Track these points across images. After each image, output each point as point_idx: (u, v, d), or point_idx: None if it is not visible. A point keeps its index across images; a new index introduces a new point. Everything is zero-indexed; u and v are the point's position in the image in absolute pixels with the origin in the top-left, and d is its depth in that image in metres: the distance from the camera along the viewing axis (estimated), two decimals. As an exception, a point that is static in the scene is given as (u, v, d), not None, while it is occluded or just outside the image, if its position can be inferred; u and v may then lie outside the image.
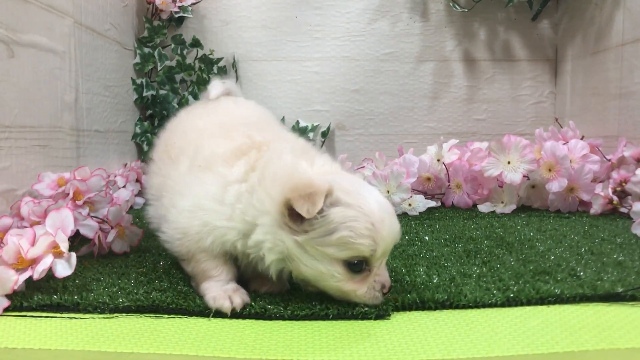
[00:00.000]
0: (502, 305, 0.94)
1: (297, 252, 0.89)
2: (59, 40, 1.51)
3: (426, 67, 2.31)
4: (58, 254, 0.93)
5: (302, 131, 2.27)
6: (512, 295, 0.95)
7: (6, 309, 0.90)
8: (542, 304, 0.94)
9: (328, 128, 2.29)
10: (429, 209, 1.80)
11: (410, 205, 1.77)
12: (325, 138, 2.29)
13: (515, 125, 2.32)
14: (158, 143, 1.20)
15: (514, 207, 1.75)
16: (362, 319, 0.90)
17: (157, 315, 0.91)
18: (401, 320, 0.89)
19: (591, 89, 2.04)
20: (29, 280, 0.94)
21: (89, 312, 0.91)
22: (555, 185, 1.71)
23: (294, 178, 0.89)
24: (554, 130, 1.92)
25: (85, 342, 0.80)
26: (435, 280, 1.03)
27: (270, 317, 0.90)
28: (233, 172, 0.96)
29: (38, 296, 0.93)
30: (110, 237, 1.18)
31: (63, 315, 0.90)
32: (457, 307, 0.94)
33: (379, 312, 0.90)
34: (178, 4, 2.18)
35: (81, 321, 0.88)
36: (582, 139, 1.86)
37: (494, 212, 1.76)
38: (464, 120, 2.32)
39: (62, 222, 0.94)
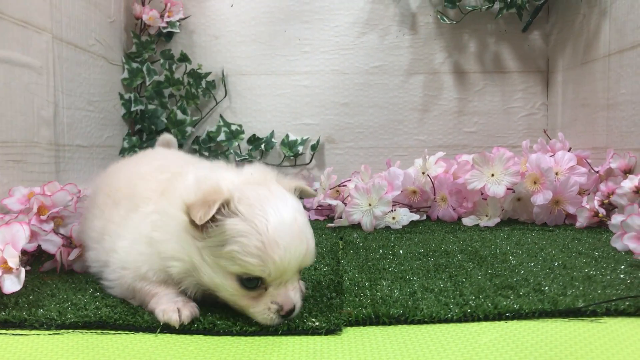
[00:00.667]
0: (459, 320, 0.91)
1: (197, 259, 0.88)
2: (35, 55, 1.52)
3: (416, 80, 2.30)
4: (7, 270, 0.92)
5: (291, 145, 2.26)
6: (469, 310, 0.92)
7: (-48, 325, 0.90)
8: (499, 319, 0.91)
9: (318, 141, 2.28)
10: (413, 223, 1.78)
11: (394, 218, 1.75)
12: (315, 151, 2.28)
13: (506, 138, 2.29)
14: (97, 188, 1.19)
15: (498, 220, 1.72)
16: (313, 334, 0.88)
17: (104, 331, 0.89)
18: (353, 336, 0.87)
19: (581, 100, 2.01)
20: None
21: (36, 328, 0.90)
22: (540, 198, 1.68)
23: (202, 185, 0.90)
24: (542, 142, 1.89)
25: (23, 359, 0.79)
26: (395, 294, 1.01)
27: (218, 333, 0.88)
28: (149, 205, 0.99)
29: (-15, 312, 0.93)
30: (72, 256, 1.17)
31: (8, 331, 0.89)
32: (412, 322, 0.91)
33: (330, 326, 0.88)
34: (166, 19, 2.18)
35: (25, 338, 0.87)
36: (569, 150, 1.83)
37: (477, 225, 1.73)
38: (454, 132, 2.30)
39: (12, 237, 0.93)
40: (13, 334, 0.88)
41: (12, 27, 1.41)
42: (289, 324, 0.88)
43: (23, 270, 0.92)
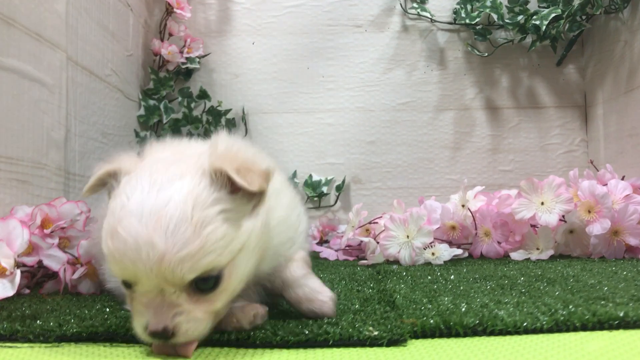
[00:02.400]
0: (550, 330, 0.74)
1: None
2: (47, 72, 1.42)
3: (446, 117, 2.18)
4: (0, 272, 0.76)
5: (315, 185, 2.12)
6: (562, 318, 0.75)
7: None
8: (601, 328, 0.74)
9: (343, 182, 2.14)
10: (455, 260, 1.61)
11: (433, 254, 1.58)
12: (340, 192, 2.14)
13: (544, 176, 2.10)
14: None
15: (551, 252, 1.55)
16: (371, 345, 0.71)
17: (113, 344, 0.73)
18: (421, 348, 0.70)
19: (627, 131, 1.88)
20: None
21: (30, 341, 0.73)
22: (597, 228, 1.51)
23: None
24: (589, 174, 1.74)
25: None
26: (463, 307, 0.84)
27: (254, 345, 0.71)
28: None
29: (-27, 323, 0.76)
30: (77, 275, 1.01)
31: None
32: (491, 333, 0.74)
33: (392, 336, 0.71)
34: (185, 54, 2.10)
35: (15, 350, 0.70)
36: (622, 179, 1.67)
37: (528, 259, 1.56)
38: (489, 171, 2.16)
39: (8, 235, 0.79)
40: (1, 346, 0.71)
41: (24, 37, 1.32)
42: (340, 333, 0.72)
43: (18, 272, 0.77)
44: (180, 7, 2.08)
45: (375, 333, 0.71)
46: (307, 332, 0.73)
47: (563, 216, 1.57)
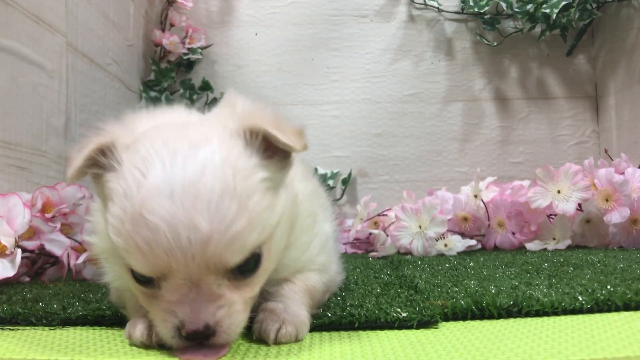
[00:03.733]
0: (590, 310, 0.69)
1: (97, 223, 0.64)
2: (46, 55, 1.36)
3: (454, 108, 2.13)
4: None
5: (320, 179, 2.07)
6: (602, 298, 0.70)
7: None
8: (646, 307, 0.69)
9: (349, 175, 2.09)
10: (468, 250, 1.56)
11: (446, 245, 1.53)
12: (346, 186, 2.08)
13: (556, 168, 2.09)
14: None
15: (568, 242, 1.50)
16: (400, 327, 0.66)
17: (122, 328, 0.67)
18: (454, 330, 0.64)
19: (642, 120, 1.83)
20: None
21: (32, 324, 0.68)
22: (616, 216, 1.45)
23: None
24: (604, 163, 1.69)
25: (16, 352, 0.57)
26: (492, 290, 0.78)
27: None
28: None
29: (-33, 306, 0.71)
30: (81, 259, 0.96)
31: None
32: (527, 314, 0.69)
33: (422, 318, 0.66)
34: (187, 45, 2.05)
35: (16, 332, 0.65)
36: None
37: (545, 249, 1.51)
38: (499, 163, 2.11)
39: (9, 212, 0.73)
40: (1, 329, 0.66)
41: (22, 18, 1.26)
42: (366, 315, 0.66)
43: (19, 251, 0.71)
44: (182, -3, 2.03)
45: (404, 315, 0.66)
46: (330, 314, 0.68)
47: (579, 205, 1.52)
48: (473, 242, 1.56)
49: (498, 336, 0.60)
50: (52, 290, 0.83)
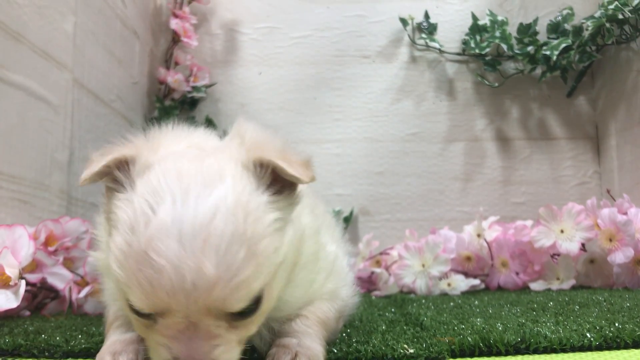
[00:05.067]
0: (599, 347, 0.68)
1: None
2: (53, 90, 1.38)
3: (456, 148, 2.14)
4: (3, 282, 0.70)
5: (322, 217, 2.06)
6: (610, 335, 0.69)
7: None
8: (656, 346, 0.68)
9: (351, 213, 2.09)
10: (472, 290, 1.54)
11: (449, 285, 1.52)
12: (348, 224, 2.08)
13: (558, 208, 2.09)
14: None
15: (572, 282, 1.49)
16: (407, 364, 0.64)
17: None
18: (462, 367, 0.63)
19: (643, 161, 1.84)
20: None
21: (34, 356, 0.66)
22: (620, 256, 1.44)
23: None
24: (606, 204, 1.69)
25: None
26: (499, 327, 0.77)
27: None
28: None
29: (-32, 339, 0.70)
30: (82, 293, 0.95)
31: (-4, 359, 0.66)
32: (535, 351, 0.68)
33: (430, 354, 0.65)
34: (191, 83, 2.07)
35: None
36: (642, 209, 1.62)
37: (549, 289, 1.49)
38: (501, 203, 2.10)
39: (13, 242, 0.73)
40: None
41: (31, 54, 1.28)
42: (373, 351, 0.65)
43: (23, 282, 0.70)
44: (187, 36, 2.06)
45: (411, 351, 0.65)
46: (335, 350, 0.67)
47: (583, 245, 1.51)
48: (477, 281, 1.55)
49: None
50: (54, 323, 0.82)
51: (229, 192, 0.54)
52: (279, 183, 0.60)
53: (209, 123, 2.11)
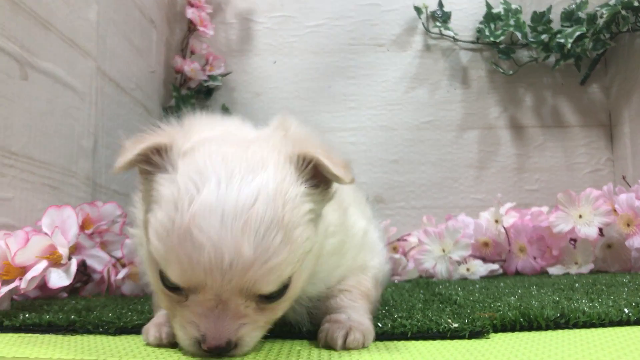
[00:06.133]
0: (638, 322, 0.70)
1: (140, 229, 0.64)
2: (78, 78, 1.39)
3: (470, 136, 2.15)
4: (55, 260, 0.72)
5: (338, 204, 2.08)
6: (649, 310, 0.71)
7: (-20, 329, 0.69)
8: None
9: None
10: (491, 274, 1.56)
11: (468, 269, 1.54)
12: (364, 211, 2.09)
13: (572, 195, 2.11)
14: None
15: (591, 266, 1.51)
16: (452, 338, 0.66)
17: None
18: (505, 341, 0.65)
19: (657, 147, 1.85)
20: (18, 302, 0.73)
21: (89, 331, 0.69)
22: (638, 241, 1.47)
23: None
24: (621, 190, 1.70)
25: (81, 352, 0.58)
26: (534, 304, 0.79)
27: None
28: None
29: (24, 315, 0.72)
30: (120, 275, 0.97)
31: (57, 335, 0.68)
32: (575, 325, 0.70)
33: (474, 328, 0.67)
34: (207, 72, 2.09)
35: (79, 337, 0.66)
36: (658, 194, 1.64)
37: (568, 273, 1.51)
38: (515, 191, 2.12)
39: (63, 223, 0.75)
40: (63, 335, 0.67)
41: (59, 42, 1.30)
42: (418, 326, 0.67)
43: (74, 261, 0.72)
44: (203, 25, 2.07)
45: (455, 325, 0.67)
46: (380, 324, 0.69)
47: (600, 230, 1.53)
48: (495, 266, 1.57)
49: (549, 346, 0.61)
50: (98, 303, 0.84)
51: (270, 180, 0.56)
52: (317, 178, 0.62)
53: (225, 112, 2.13)
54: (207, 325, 0.55)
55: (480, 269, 1.54)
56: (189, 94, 2.10)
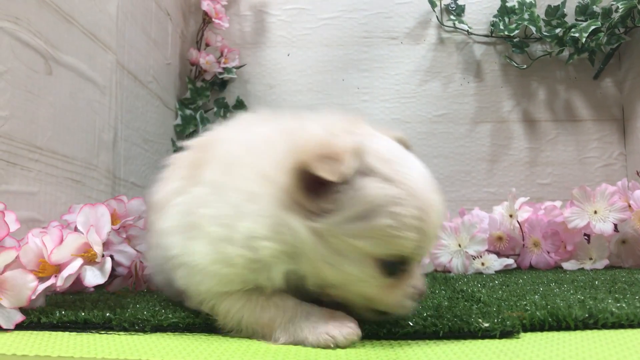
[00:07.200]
0: (669, 323, 0.71)
1: (313, 244, 0.62)
2: (100, 72, 1.40)
3: (483, 129, 2.16)
4: (90, 258, 0.74)
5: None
6: (678, 312, 0.72)
7: (19, 325, 0.70)
8: None
9: (379, 194, 2.11)
10: (505, 268, 1.57)
11: (483, 264, 1.54)
12: (376, 204, 2.10)
13: (584, 190, 2.11)
14: None
15: (606, 262, 1.52)
16: (483, 337, 0.68)
17: (212, 333, 0.70)
18: (535, 340, 0.66)
19: (671, 143, 1.86)
20: (49, 297, 0.75)
21: (125, 329, 0.70)
22: (653, 237, 1.48)
23: (298, 138, 0.63)
24: (635, 185, 1.71)
25: (122, 352, 0.59)
26: (559, 303, 0.80)
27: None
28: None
29: (60, 312, 0.73)
30: (148, 270, 0.98)
31: (92, 333, 0.69)
32: (604, 326, 0.71)
33: (505, 328, 0.68)
34: (222, 65, 2.09)
35: (115, 336, 0.67)
36: (672, 190, 1.64)
37: (582, 269, 1.52)
38: (527, 184, 2.13)
39: (97, 221, 0.76)
40: (98, 333, 0.68)
41: (80, 36, 1.30)
42: (450, 325, 0.68)
43: (109, 259, 0.74)
44: (218, 17, 2.07)
45: (486, 325, 0.68)
46: (411, 323, 0.70)
47: (615, 226, 1.54)
48: (510, 261, 1.58)
49: (581, 347, 0.62)
50: (130, 299, 0.86)
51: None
52: None
53: (240, 104, 2.14)
54: (418, 280, 0.69)
55: (495, 263, 1.55)
56: (204, 86, 2.11)
